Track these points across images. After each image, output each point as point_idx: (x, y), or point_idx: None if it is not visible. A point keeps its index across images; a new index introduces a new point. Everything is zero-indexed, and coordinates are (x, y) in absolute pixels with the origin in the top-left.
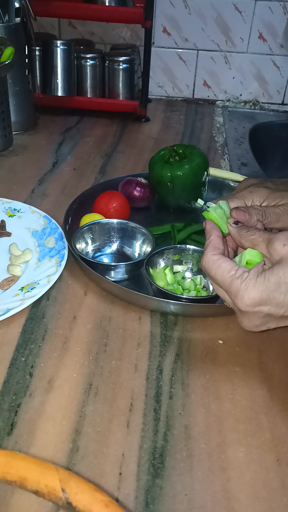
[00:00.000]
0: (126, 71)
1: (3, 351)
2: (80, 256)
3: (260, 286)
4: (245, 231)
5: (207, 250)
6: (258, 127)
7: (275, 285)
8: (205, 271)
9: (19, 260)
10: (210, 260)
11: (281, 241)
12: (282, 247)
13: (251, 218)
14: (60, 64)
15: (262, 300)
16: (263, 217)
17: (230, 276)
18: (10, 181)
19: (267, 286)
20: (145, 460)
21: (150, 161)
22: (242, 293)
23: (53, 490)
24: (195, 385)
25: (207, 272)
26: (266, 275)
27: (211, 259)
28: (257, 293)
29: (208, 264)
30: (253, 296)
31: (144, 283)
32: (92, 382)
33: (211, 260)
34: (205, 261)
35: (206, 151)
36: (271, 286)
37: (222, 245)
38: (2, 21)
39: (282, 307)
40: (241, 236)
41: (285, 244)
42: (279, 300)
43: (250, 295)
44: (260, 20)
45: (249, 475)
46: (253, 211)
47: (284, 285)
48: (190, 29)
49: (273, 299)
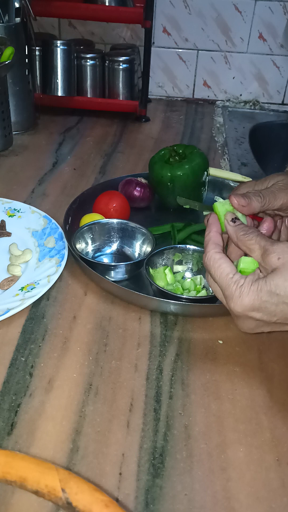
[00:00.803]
0: (126, 71)
1: (3, 351)
2: (80, 256)
3: (253, 294)
4: (242, 234)
5: (209, 247)
6: (258, 127)
7: (267, 295)
8: (206, 267)
9: (19, 260)
10: (212, 258)
11: (277, 254)
12: (277, 260)
13: (251, 201)
14: (60, 64)
15: (254, 307)
16: (261, 198)
17: (228, 279)
18: (10, 181)
19: (259, 296)
20: (145, 460)
21: (150, 161)
22: (236, 299)
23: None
24: (195, 385)
25: (208, 269)
26: (260, 284)
27: (213, 257)
28: (249, 301)
29: (209, 262)
30: (246, 303)
31: (144, 283)
32: (92, 382)
33: (213, 258)
34: (207, 258)
35: (206, 151)
36: (263, 296)
37: (221, 241)
38: (2, 21)
39: (274, 315)
40: (239, 239)
41: (280, 258)
42: (271, 310)
43: (243, 302)
44: (260, 20)
45: (249, 475)
46: (251, 194)
47: (275, 296)
48: (190, 29)
49: (264, 308)
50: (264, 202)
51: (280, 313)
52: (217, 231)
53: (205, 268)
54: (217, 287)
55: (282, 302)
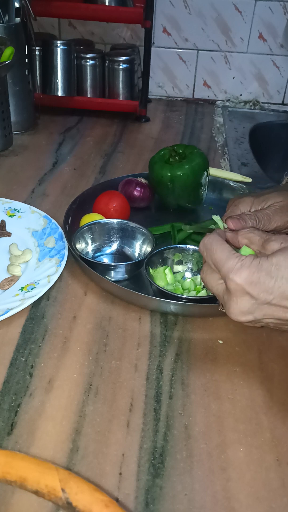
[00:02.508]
0: (126, 71)
1: (3, 351)
2: (80, 256)
3: (253, 267)
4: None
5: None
6: (258, 127)
7: (267, 269)
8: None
9: (19, 260)
10: (213, 239)
11: (279, 240)
12: (279, 244)
13: (246, 224)
14: (60, 64)
15: (252, 281)
16: (256, 221)
17: (230, 253)
18: (10, 181)
19: (259, 269)
20: (145, 460)
21: (150, 161)
22: (236, 270)
23: (53, 490)
24: (195, 385)
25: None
26: (261, 260)
27: (215, 238)
28: (249, 273)
29: (209, 241)
30: (245, 275)
31: (144, 283)
32: (92, 382)
33: (215, 239)
34: (206, 239)
35: (206, 151)
36: (263, 270)
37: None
38: (2, 21)
39: (271, 293)
40: (240, 234)
41: (282, 243)
42: (269, 285)
43: (242, 274)
44: (260, 20)
45: (249, 475)
46: (246, 217)
47: (275, 270)
48: (190, 29)
49: (262, 282)
50: (259, 225)
51: (277, 290)
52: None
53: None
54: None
55: (281, 277)
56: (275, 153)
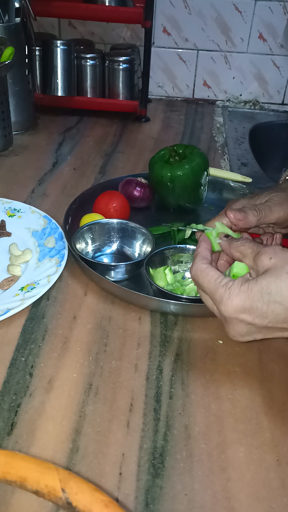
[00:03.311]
0: (126, 71)
1: (3, 351)
2: (80, 256)
3: (243, 294)
4: (235, 241)
5: (196, 259)
6: (258, 127)
7: (257, 294)
8: (193, 279)
9: (19, 260)
10: (198, 269)
11: (268, 254)
12: (269, 260)
13: (247, 215)
14: (60, 64)
15: (245, 308)
16: (257, 211)
17: (216, 283)
18: (10, 181)
19: (250, 295)
20: (145, 460)
21: (150, 161)
22: (226, 300)
23: (53, 490)
24: (195, 385)
25: (195, 280)
26: (250, 284)
27: (200, 267)
28: (239, 301)
29: (196, 272)
30: (236, 304)
31: (144, 283)
32: (92, 382)
33: (199, 268)
34: (193, 269)
35: (206, 151)
36: (254, 296)
37: (210, 256)
38: (2, 21)
39: (266, 317)
40: (232, 247)
41: (272, 257)
42: (262, 310)
43: (233, 302)
44: (260, 20)
45: (249, 475)
46: (247, 209)
47: (267, 295)
48: (190, 29)
49: (255, 308)
50: (260, 216)
51: (271, 314)
52: (207, 247)
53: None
54: (208, 299)
55: (274, 301)
56: (275, 153)
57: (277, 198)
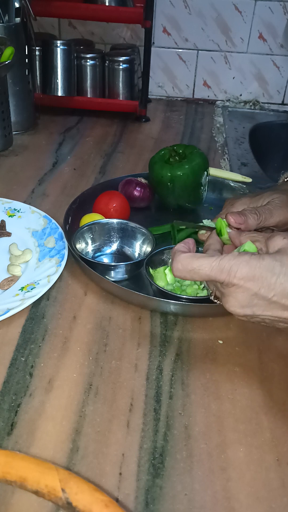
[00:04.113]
0: (126, 71)
1: (3, 351)
2: (80, 256)
3: (254, 261)
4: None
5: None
6: (258, 127)
7: (269, 265)
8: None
9: (19, 260)
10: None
11: (282, 235)
12: (282, 240)
13: (247, 219)
14: (60, 64)
15: (254, 276)
16: (257, 215)
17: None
18: (10, 181)
19: (261, 264)
20: (145, 460)
21: (150, 161)
22: (234, 267)
23: (53, 490)
24: (195, 385)
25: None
26: (262, 255)
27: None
28: (249, 269)
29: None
30: (245, 271)
31: (144, 283)
32: (92, 382)
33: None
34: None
35: (206, 151)
36: (265, 265)
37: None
38: (2, 21)
39: (272, 290)
40: (242, 235)
41: (285, 238)
42: (271, 281)
43: (242, 270)
44: (260, 20)
45: (249, 475)
46: (247, 212)
47: (278, 267)
48: (190, 29)
49: (264, 278)
50: (260, 220)
51: (279, 287)
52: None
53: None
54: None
55: (284, 274)
56: (275, 153)
57: (278, 201)
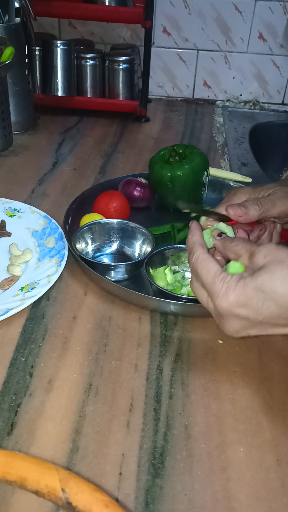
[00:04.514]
0: (126, 71)
1: (3, 351)
2: (80, 256)
3: (239, 290)
4: (229, 242)
5: (196, 247)
6: (258, 127)
7: (253, 291)
8: (192, 267)
9: (19, 260)
10: (200, 258)
11: (263, 253)
12: (263, 259)
13: (248, 211)
14: (60, 64)
15: (240, 303)
16: (259, 206)
17: (215, 276)
18: (10, 181)
19: (245, 291)
20: (145, 460)
21: (150, 161)
22: (222, 295)
23: (53, 490)
24: (195, 385)
25: (194, 269)
26: (246, 280)
27: (201, 256)
28: (235, 297)
29: (197, 261)
30: (232, 299)
31: (144, 283)
32: (92, 382)
33: (200, 257)
34: (195, 257)
35: (206, 151)
36: (249, 292)
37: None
38: (2, 21)
39: (261, 314)
40: (226, 248)
41: (266, 256)
42: (257, 306)
43: (229, 297)
44: (260, 20)
45: (249, 475)
46: (248, 204)
47: (261, 293)
48: (190, 29)
49: (250, 304)
50: (262, 210)
51: (266, 311)
52: (201, 235)
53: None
54: (201, 291)
55: (268, 299)
56: (275, 153)
57: (280, 192)
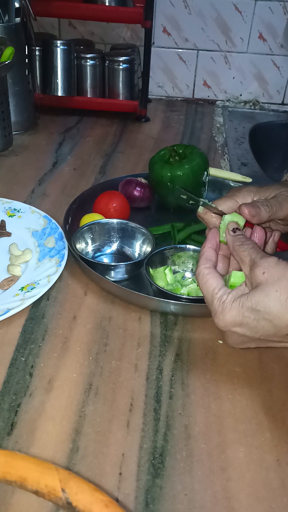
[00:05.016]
0: (126, 71)
1: (3, 351)
2: (80, 256)
3: (234, 310)
4: (238, 244)
5: (200, 261)
6: (258, 127)
7: (248, 311)
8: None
9: (19, 260)
10: (200, 273)
11: (262, 268)
12: (262, 275)
13: (260, 211)
14: (60, 64)
15: (236, 323)
16: (269, 207)
17: (213, 295)
18: (10, 181)
19: (240, 311)
20: (145, 460)
21: (150, 161)
22: (219, 314)
23: (53, 490)
24: (195, 385)
25: (197, 281)
26: (242, 300)
27: (202, 272)
28: (231, 317)
29: (198, 276)
30: (228, 319)
31: (144, 283)
32: (92, 382)
33: (201, 273)
34: (197, 272)
35: (206, 151)
36: (245, 312)
37: (214, 257)
38: (2, 21)
39: (257, 332)
40: (234, 249)
41: (265, 272)
42: (253, 325)
43: (225, 317)
44: (260, 20)
45: (249, 475)
46: (259, 204)
47: (256, 313)
48: (190, 29)
49: (246, 324)
50: (271, 212)
51: (261, 330)
52: (211, 246)
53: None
54: None
55: (263, 318)
56: (275, 153)
57: (287, 194)
